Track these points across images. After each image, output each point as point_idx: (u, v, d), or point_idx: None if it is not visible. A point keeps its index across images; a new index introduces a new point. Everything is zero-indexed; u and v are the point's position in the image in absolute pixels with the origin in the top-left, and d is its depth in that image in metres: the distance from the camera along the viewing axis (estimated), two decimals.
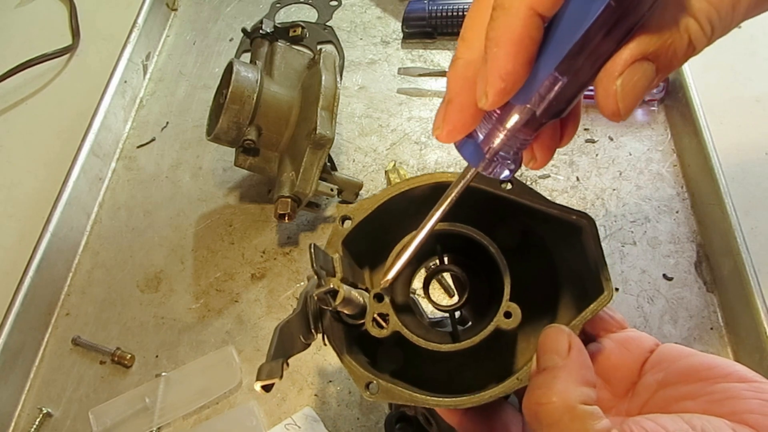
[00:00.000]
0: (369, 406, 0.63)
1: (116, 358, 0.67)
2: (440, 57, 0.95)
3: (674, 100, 0.83)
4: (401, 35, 0.97)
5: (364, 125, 0.87)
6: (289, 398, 0.64)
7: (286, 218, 0.69)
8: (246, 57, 0.95)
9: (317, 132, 0.69)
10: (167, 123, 0.90)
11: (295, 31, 0.85)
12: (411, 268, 0.45)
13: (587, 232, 0.39)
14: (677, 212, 0.74)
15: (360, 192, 0.78)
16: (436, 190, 0.42)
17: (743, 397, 0.33)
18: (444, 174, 0.42)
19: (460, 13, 0.94)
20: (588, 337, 0.42)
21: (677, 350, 0.39)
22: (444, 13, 0.94)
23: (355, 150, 0.84)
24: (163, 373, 0.66)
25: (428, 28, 0.95)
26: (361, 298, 0.38)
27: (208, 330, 0.70)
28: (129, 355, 0.67)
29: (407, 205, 0.42)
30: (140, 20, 0.96)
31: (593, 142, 0.82)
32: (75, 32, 1.00)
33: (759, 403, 0.33)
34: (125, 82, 0.91)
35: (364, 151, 0.84)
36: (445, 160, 0.82)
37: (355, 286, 0.40)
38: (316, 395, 0.64)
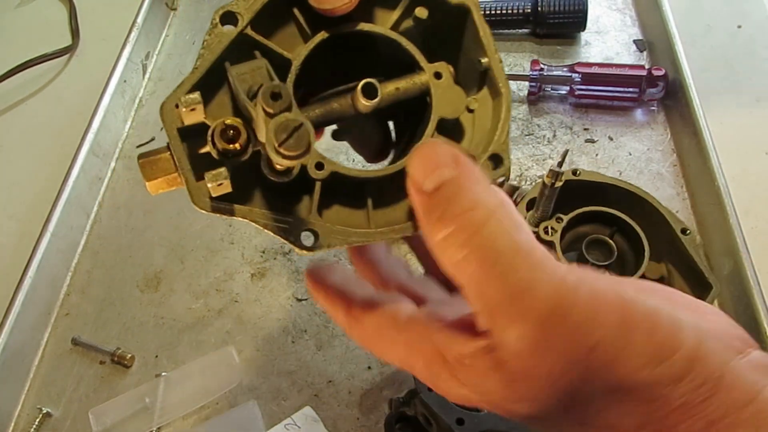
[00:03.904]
0: (369, 406, 0.63)
1: (116, 358, 0.67)
2: None
3: (674, 100, 0.83)
4: None
5: None
6: (289, 398, 0.64)
7: None
8: None
9: None
10: None
11: None
12: None
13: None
14: (677, 212, 0.74)
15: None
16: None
17: (675, 300, 0.31)
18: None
19: None
20: None
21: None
22: None
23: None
24: (163, 373, 0.66)
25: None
26: None
27: (208, 330, 0.70)
28: (129, 355, 0.67)
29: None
30: (140, 20, 0.96)
31: (593, 142, 0.82)
32: (75, 32, 1.00)
33: (694, 304, 0.31)
34: (125, 81, 0.91)
35: None
36: None
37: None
38: (316, 395, 0.64)
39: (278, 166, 0.31)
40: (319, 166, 0.32)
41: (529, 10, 0.92)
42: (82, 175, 0.80)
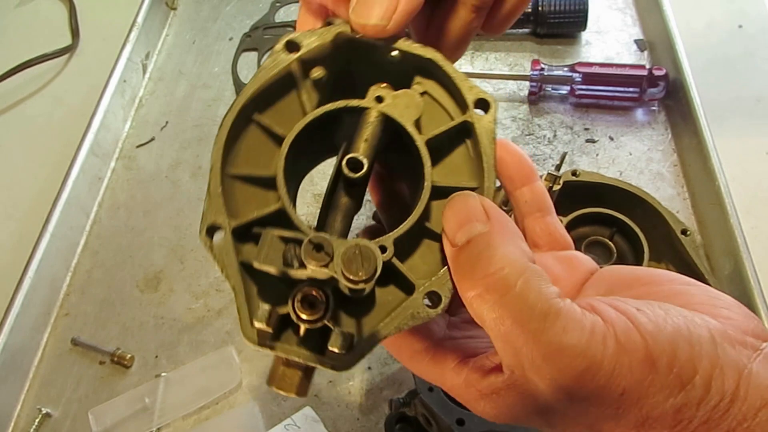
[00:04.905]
0: (369, 406, 0.63)
1: (116, 359, 0.67)
2: None
3: (675, 100, 0.82)
4: None
5: None
6: (289, 398, 0.64)
7: None
8: (246, 56, 0.95)
9: None
10: (167, 122, 0.90)
11: None
12: None
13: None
14: (677, 212, 0.74)
15: None
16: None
17: (691, 293, 0.32)
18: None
19: None
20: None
21: (618, 268, 0.37)
22: None
23: None
24: (163, 374, 0.66)
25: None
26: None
27: (208, 330, 0.70)
28: (129, 356, 0.67)
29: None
30: (140, 19, 0.96)
31: (593, 142, 0.82)
32: (75, 32, 1.00)
33: (707, 297, 0.32)
34: (125, 81, 0.91)
35: None
36: None
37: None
38: (316, 395, 0.64)
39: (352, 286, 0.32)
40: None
41: (529, 10, 0.92)
42: (82, 175, 0.79)
